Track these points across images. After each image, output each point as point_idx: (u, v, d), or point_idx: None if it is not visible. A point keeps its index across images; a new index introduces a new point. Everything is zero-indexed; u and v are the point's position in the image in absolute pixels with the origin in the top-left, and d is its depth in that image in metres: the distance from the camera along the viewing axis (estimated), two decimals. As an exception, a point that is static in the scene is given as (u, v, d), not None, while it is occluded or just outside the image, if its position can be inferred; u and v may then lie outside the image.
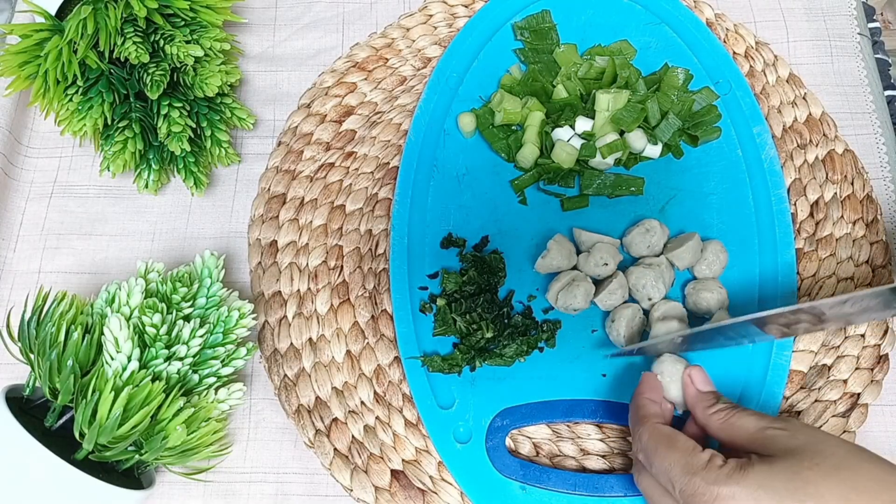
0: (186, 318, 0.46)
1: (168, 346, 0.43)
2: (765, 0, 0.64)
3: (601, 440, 0.49)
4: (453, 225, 0.54)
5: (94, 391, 0.41)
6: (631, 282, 0.50)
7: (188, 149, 0.54)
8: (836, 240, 0.54)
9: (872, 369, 0.50)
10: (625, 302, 0.50)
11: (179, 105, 0.54)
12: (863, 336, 0.51)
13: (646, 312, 0.50)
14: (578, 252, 0.52)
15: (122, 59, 0.53)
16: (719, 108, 0.56)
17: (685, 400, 0.45)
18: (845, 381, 0.50)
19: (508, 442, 0.49)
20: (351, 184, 0.56)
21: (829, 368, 0.50)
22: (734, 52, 0.61)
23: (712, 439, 0.43)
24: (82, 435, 0.41)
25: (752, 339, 0.48)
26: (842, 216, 0.55)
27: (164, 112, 0.53)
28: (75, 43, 0.51)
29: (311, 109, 0.59)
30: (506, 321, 0.50)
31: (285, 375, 0.51)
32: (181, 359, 0.44)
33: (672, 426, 0.42)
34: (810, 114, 0.58)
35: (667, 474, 0.38)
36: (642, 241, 0.51)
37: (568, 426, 0.50)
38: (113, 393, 0.40)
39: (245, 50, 0.63)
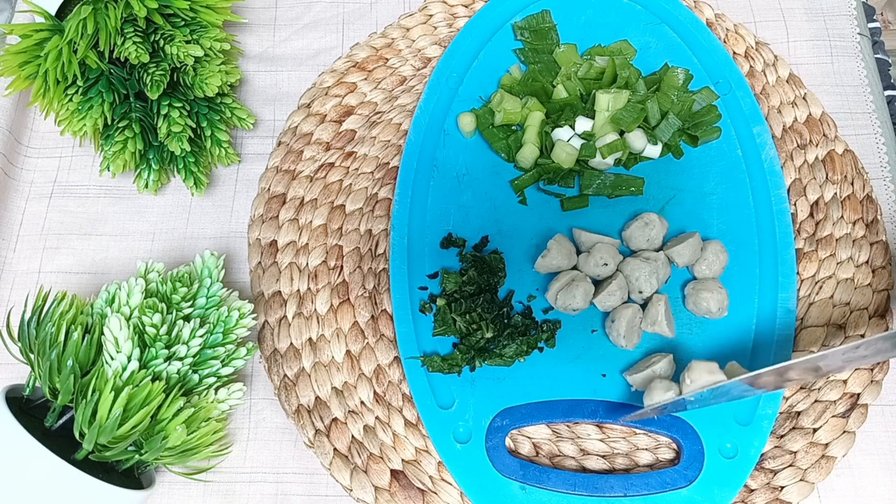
0: (186, 318, 0.46)
1: (168, 346, 0.43)
2: (765, 0, 0.64)
3: (601, 440, 0.49)
4: (453, 225, 0.54)
5: (94, 391, 0.41)
6: (626, 272, 0.50)
7: (188, 149, 0.54)
8: (836, 240, 0.54)
9: (872, 370, 0.50)
10: (624, 302, 0.50)
11: (179, 105, 0.54)
12: (862, 336, 0.51)
13: (642, 306, 0.50)
14: (578, 252, 0.52)
15: (122, 59, 0.53)
16: (719, 108, 0.56)
17: None
18: (845, 382, 0.50)
19: (508, 442, 0.49)
20: (351, 184, 0.56)
21: (829, 368, 0.50)
22: (734, 52, 0.61)
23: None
24: (82, 435, 0.41)
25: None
26: (842, 216, 0.55)
27: (164, 112, 0.53)
28: (75, 43, 0.51)
29: (311, 109, 0.59)
30: (506, 321, 0.50)
31: (285, 375, 0.51)
32: (181, 359, 0.44)
33: None
34: (810, 114, 0.58)
35: None
36: (641, 234, 0.51)
37: (568, 426, 0.50)
38: (113, 393, 0.40)
39: (245, 50, 0.63)
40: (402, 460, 0.49)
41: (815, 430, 0.49)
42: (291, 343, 0.52)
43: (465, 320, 0.50)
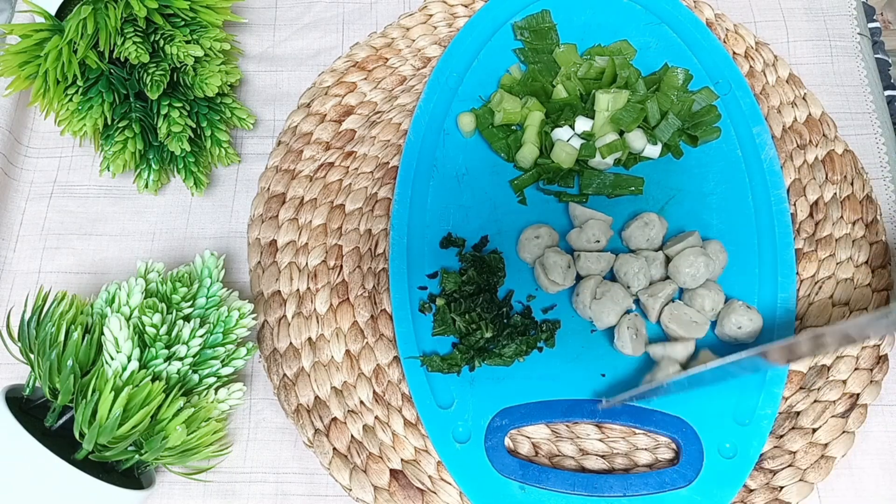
0: (186, 318, 0.46)
1: (168, 346, 0.43)
2: (765, 0, 0.64)
3: (600, 440, 0.49)
4: (453, 225, 0.54)
5: (94, 391, 0.41)
6: (615, 267, 0.51)
7: (188, 149, 0.54)
8: (836, 240, 0.54)
9: (872, 370, 0.50)
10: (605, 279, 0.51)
11: (179, 105, 0.54)
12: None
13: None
14: (572, 253, 0.52)
15: (122, 59, 0.53)
16: (719, 108, 0.56)
17: None
18: (844, 382, 0.50)
19: (507, 442, 0.49)
20: (350, 183, 0.56)
21: (829, 369, 0.50)
22: (734, 53, 0.61)
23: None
24: (82, 435, 0.41)
25: (747, 371, 0.48)
26: (841, 216, 0.55)
27: (164, 112, 0.53)
28: (75, 43, 0.51)
29: (311, 109, 0.59)
30: (505, 321, 0.50)
31: (284, 375, 0.51)
32: (181, 359, 0.44)
33: None
34: (810, 114, 0.58)
35: None
36: (641, 234, 0.52)
37: (567, 426, 0.50)
38: (113, 393, 0.40)
39: (245, 50, 0.63)
40: (402, 460, 0.49)
41: (814, 430, 0.49)
42: (291, 343, 0.52)
43: (464, 320, 0.50)
